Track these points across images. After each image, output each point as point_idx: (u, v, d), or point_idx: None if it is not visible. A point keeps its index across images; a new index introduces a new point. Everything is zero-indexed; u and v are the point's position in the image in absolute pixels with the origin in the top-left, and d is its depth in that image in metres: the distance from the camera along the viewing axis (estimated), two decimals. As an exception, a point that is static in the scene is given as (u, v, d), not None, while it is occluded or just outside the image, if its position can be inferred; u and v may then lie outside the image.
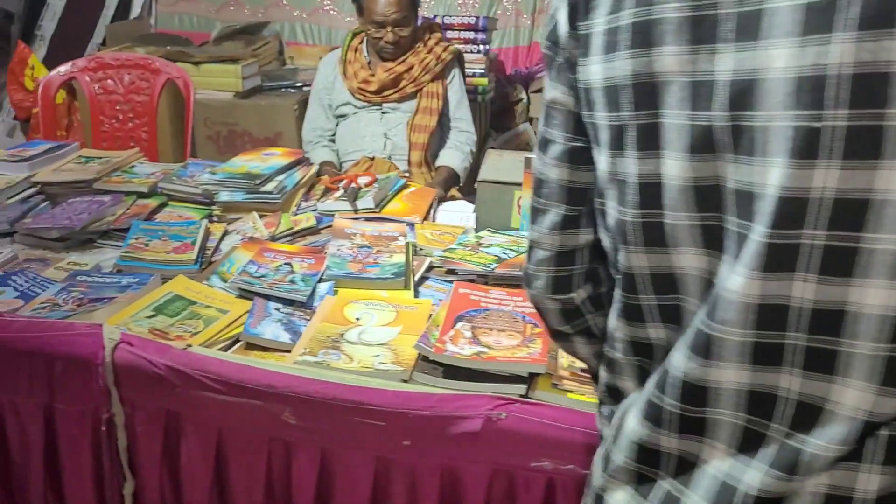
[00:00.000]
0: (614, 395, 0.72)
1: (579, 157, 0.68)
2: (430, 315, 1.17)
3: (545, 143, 0.71)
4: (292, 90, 3.32)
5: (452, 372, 1.02)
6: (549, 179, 0.71)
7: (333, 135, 2.48)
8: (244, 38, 3.56)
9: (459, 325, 1.08)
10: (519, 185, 1.55)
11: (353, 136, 2.40)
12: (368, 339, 1.11)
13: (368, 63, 2.39)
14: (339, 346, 1.09)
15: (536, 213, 0.73)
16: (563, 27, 0.65)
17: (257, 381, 0.99)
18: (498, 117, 3.34)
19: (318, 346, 1.09)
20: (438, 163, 2.40)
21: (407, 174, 2.27)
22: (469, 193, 2.05)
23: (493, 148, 2.65)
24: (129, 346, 1.02)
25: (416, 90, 2.35)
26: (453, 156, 2.39)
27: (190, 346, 1.04)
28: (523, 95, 3.36)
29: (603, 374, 0.73)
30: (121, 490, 1.07)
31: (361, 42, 2.42)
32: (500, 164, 1.67)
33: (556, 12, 0.66)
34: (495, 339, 1.05)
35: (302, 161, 1.80)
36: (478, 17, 2.95)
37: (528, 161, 1.53)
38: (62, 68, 2.45)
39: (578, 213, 0.71)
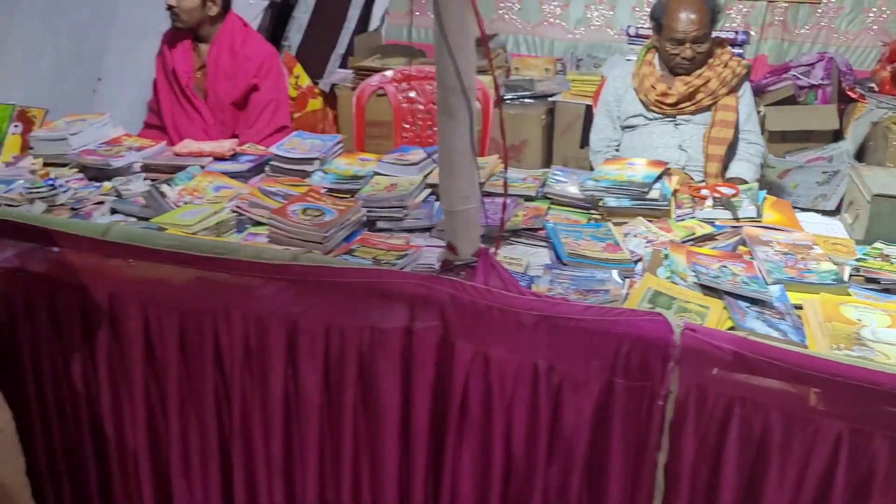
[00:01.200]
0: None
1: None
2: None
3: None
4: (533, 100, 3.49)
5: None
6: None
7: (619, 145, 2.61)
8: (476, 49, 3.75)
9: (979, 329, 1.17)
10: (918, 199, 1.63)
11: (645, 147, 2.51)
12: (884, 339, 1.21)
13: (661, 76, 2.51)
14: (865, 343, 1.20)
15: None
16: None
17: (822, 370, 1.11)
18: (731, 129, 3.39)
19: (846, 342, 1.20)
20: (730, 174, 2.48)
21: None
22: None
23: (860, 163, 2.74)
24: (693, 333, 1.16)
25: (712, 103, 2.45)
26: (746, 168, 2.48)
27: (747, 335, 1.18)
28: (761, 109, 3.39)
29: None
30: (655, 456, 1.22)
31: (654, 56, 2.54)
32: (880, 179, 1.74)
33: None
34: None
35: (665, 172, 1.93)
36: (737, 32, 3.02)
37: (933, 177, 1.61)
38: (373, 79, 2.69)
39: None
